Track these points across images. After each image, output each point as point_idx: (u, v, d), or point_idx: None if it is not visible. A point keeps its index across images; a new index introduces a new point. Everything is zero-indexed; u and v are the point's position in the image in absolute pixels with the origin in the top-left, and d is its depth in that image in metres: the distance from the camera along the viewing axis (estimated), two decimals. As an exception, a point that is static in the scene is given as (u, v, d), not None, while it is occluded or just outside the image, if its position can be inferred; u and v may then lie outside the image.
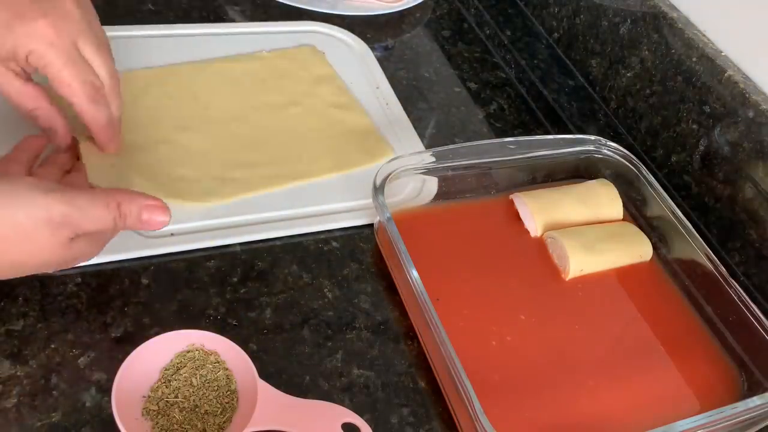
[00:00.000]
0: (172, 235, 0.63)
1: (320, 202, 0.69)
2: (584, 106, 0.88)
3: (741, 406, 0.54)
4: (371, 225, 0.68)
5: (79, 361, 0.54)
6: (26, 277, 0.58)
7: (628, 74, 0.84)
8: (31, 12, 0.56)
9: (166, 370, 0.54)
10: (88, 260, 0.56)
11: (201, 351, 0.55)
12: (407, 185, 0.70)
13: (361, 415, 0.54)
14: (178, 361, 0.54)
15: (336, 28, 0.88)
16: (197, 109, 0.74)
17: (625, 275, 0.68)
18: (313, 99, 0.79)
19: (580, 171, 0.75)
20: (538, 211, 0.68)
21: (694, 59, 0.75)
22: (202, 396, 0.53)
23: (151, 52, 0.80)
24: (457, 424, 0.55)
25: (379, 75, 0.84)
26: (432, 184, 0.70)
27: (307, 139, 0.74)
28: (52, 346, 0.55)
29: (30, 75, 0.60)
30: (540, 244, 0.68)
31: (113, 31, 0.80)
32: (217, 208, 0.66)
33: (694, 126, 0.76)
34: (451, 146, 0.69)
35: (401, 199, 0.69)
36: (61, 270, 0.58)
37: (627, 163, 0.72)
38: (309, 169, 0.71)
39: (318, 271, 0.64)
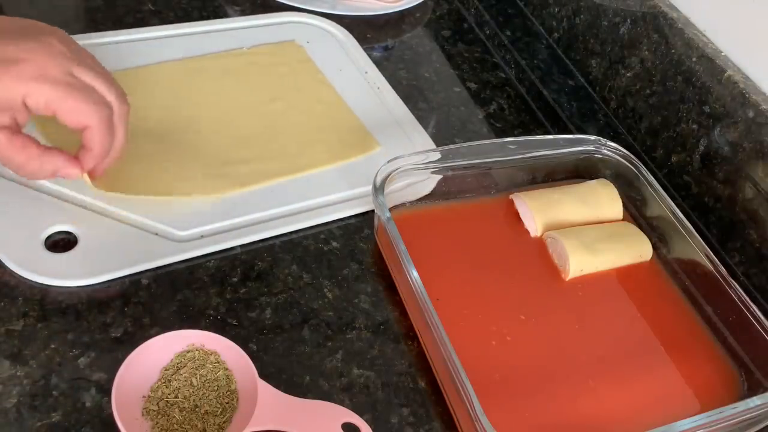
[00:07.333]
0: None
1: (316, 195, 0.69)
2: (584, 106, 0.88)
3: (741, 406, 0.54)
4: (371, 224, 0.68)
5: (79, 361, 0.54)
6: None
7: (628, 74, 0.84)
8: (15, 55, 0.52)
9: (166, 370, 0.54)
10: None
11: (201, 351, 0.55)
12: (407, 185, 0.70)
13: (361, 415, 0.54)
14: (178, 361, 0.54)
15: (319, 18, 0.88)
16: (180, 108, 0.74)
17: (625, 275, 0.68)
18: (295, 94, 0.78)
19: (580, 171, 0.75)
20: (538, 211, 0.68)
21: (694, 59, 0.75)
22: (202, 396, 0.53)
23: (136, 50, 0.79)
24: (457, 424, 0.55)
25: (365, 62, 0.84)
26: (432, 184, 0.70)
27: (292, 135, 0.74)
28: (52, 346, 0.55)
29: (20, 126, 0.55)
30: (540, 244, 0.68)
31: (96, 38, 0.79)
32: (215, 210, 0.66)
33: (694, 126, 0.76)
34: (451, 146, 0.69)
35: (401, 199, 0.69)
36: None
37: (627, 163, 0.72)
38: (295, 165, 0.71)
39: (318, 271, 0.64)
